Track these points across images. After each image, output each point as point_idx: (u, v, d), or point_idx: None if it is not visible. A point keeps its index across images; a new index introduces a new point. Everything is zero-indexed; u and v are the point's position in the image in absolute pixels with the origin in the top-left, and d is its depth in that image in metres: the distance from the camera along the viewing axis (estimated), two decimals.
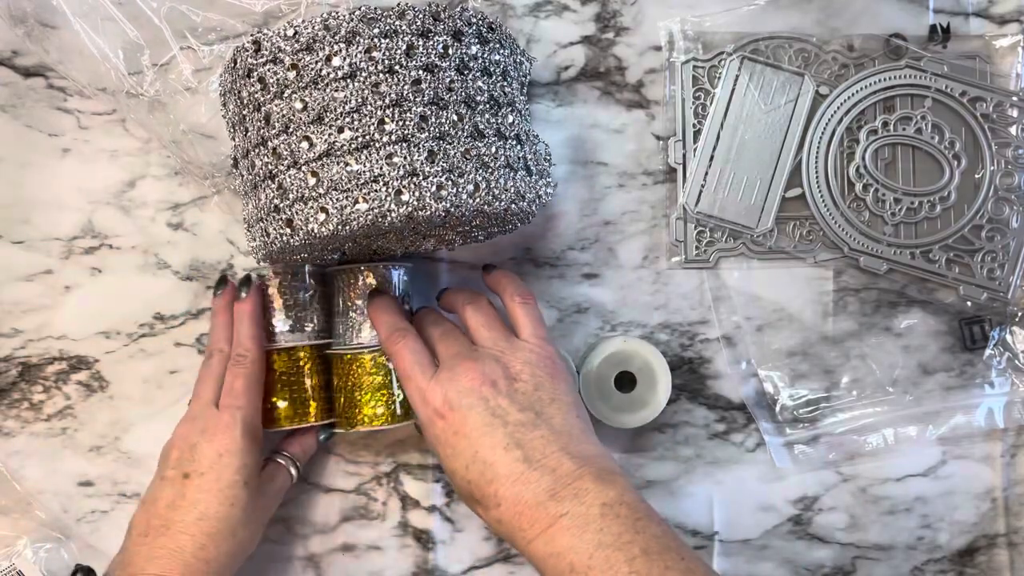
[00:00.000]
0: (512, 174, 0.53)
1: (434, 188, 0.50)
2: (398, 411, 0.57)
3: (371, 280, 0.58)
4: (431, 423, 0.50)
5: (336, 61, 0.49)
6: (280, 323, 0.57)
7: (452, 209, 0.50)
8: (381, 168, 0.49)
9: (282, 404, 0.57)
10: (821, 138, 0.63)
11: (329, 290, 0.59)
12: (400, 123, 0.49)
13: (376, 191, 0.49)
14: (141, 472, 0.62)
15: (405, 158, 0.49)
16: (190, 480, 0.52)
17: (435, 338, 0.54)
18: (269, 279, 0.57)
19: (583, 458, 0.47)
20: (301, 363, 0.57)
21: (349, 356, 0.57)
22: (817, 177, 0.63)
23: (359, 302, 0.58)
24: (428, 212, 0.50)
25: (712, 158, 0.63)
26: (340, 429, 0.58)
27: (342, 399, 0.57)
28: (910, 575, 0.64)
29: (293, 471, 0.58)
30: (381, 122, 0.49)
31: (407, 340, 0.53)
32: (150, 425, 0.62)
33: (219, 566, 0.51)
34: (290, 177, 0.50)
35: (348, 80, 0.49)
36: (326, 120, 0.49)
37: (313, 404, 0.58)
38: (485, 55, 0.53)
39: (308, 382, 0.58)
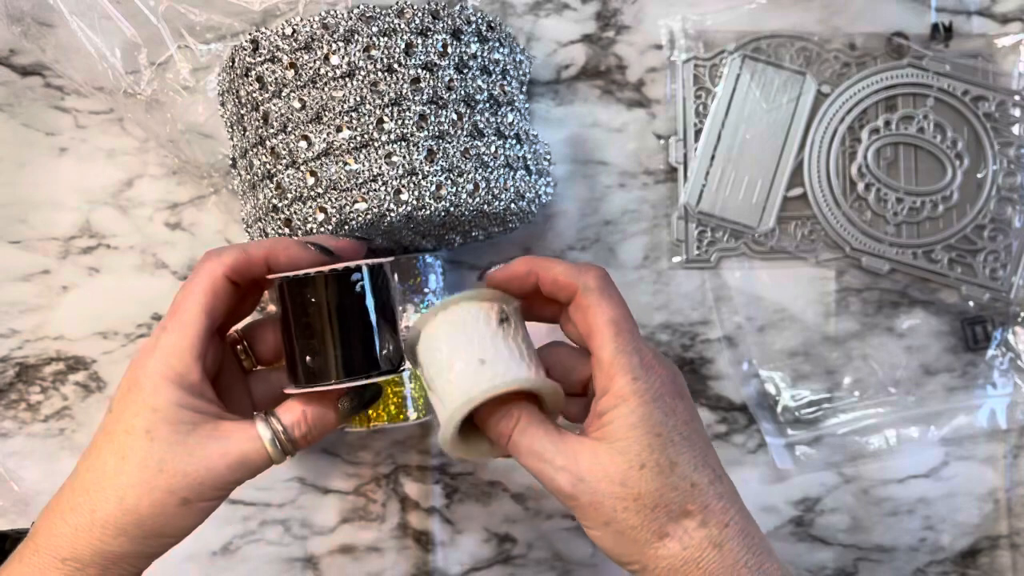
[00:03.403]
0: (512, 173, 0.53)
1: (433, 187, 0.49)
2: (409, 408, 0.56)
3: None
4: (663, 398, 0.40)
5: (335, 60, 0.49)
6: None
7: (451, 208, 0.50)
8: (380, 167, 0.49)
9: None
10: (823, 137, 0.62)
11: None
12: (399, 122, 0.49)
13: (375, 190, 0.49)
14: None
15: (404, 157, 0.49)
16: (104, 417, 0.41)
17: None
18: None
19: None
20: None
21: None
22: (819, 176, 0.62)
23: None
24: (427, 212, 0.49)
25: (713, 157, 0.62)
26: (355, 427, 0.58)
27: None
28: None
29: (269, 444, 0.40)
30: (380, 121, 0.49)
31: (616, 291, 0.43)
32: None
33: (92, 537, 0.38)
34: (288, 177, 0.50)
35: (347, 79, 0.49)
36: (325, 119, 0.49)
37: None
38: (484, 54, 0.53)
39: None
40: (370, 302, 0.41)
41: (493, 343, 0.41)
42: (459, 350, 0.41)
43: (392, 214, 0.49)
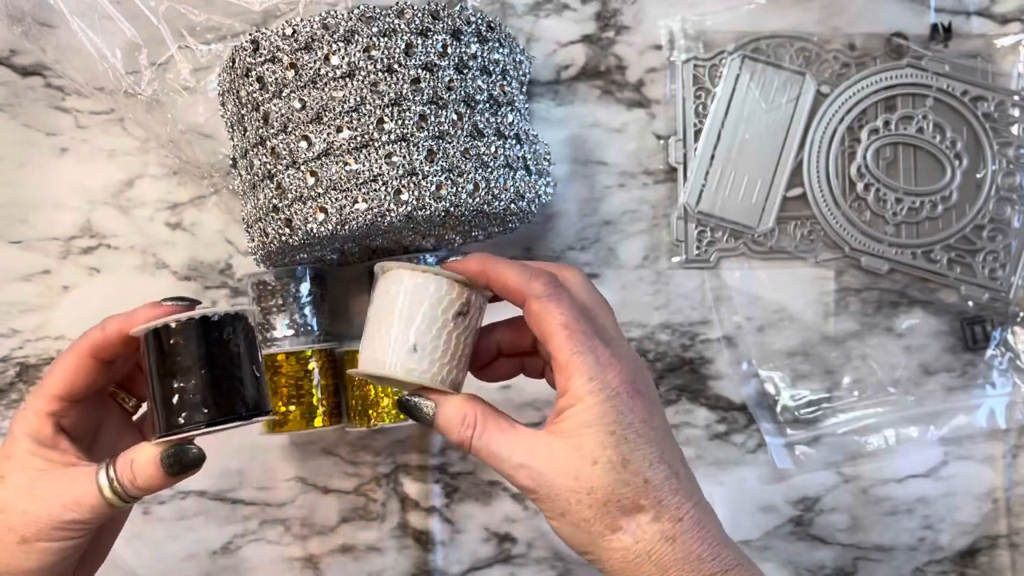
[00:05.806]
0: (512, 173, 0.53)
1: (433, 188, 0.50)
2: None
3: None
4: (620, 396, 0.40)
5: (335, 60, 0.49)
6: (283, 327, 0.57)
7: (451, 208, 0.50)
8: (380, 167, 0.49)
9: (290, 408, 0.56)
10: (822, 137, 0.62)
11: (327, 291, 0.59)
12: (399, 122, 0.49)
13: (375, 191, 0.49)
14: None
15: (404, 157, 0.49)
16: None
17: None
18: (269, 282, 0.57)
19: None
20: (309, 366, 0.57)
21: None
22: (818, 176, 0.62)
23: None
24: (427, 212, 0.50)
25: (713, 157, 0.62)
26: (355, 427, 0.58)
27: (358, 396, 0.57)
28: None
29: (107, 490, 0.41)
30: (380, 121, 0.49)
31: (566, 294, 0.42)
32: None
33: None
34: (289, 177, 0.50)
35: (347, 79, 0.49)
36: (325, 119, 0.49)
37: (321, 407, 0.57)
38: (484, 54, 0.53)
39: (315, 385, 0.57)
40: (230, 348, 0.41)
41: (436, 334, 0.42)
42: (404, 321, 0.42)
43: (392, 214, 0.49)
